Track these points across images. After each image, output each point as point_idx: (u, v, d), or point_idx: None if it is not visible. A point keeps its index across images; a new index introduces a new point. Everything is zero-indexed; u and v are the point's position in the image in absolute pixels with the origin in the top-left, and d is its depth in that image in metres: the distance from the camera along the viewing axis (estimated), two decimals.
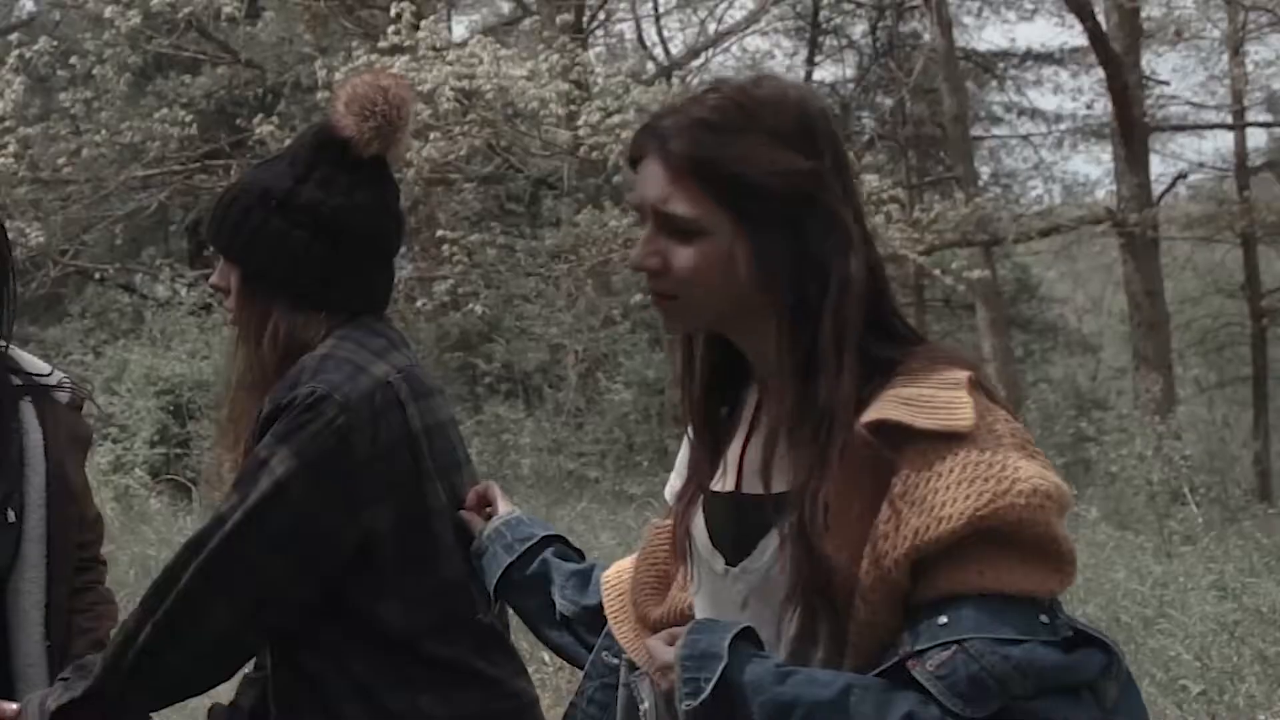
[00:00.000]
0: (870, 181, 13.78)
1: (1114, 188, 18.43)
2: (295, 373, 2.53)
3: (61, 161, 15.66)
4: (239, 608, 2.51)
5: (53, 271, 16.93)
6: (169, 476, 15.22)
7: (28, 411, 3.09)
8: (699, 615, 2.03)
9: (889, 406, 1.80)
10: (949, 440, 1.78)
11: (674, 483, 2.18)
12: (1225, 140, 23.74)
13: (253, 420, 2.57)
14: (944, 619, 1.75)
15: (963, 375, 1.84)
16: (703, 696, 1.80)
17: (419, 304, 15.97)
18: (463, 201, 18.69)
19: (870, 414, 1.80)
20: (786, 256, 1.87)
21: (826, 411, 1.84)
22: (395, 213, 2.69)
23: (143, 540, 11.54)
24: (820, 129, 1.92)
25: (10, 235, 2.99)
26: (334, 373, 2.51)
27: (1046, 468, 1.80)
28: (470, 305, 15.83)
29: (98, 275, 19.39)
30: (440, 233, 15.84)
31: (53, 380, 3.16)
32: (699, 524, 2.01)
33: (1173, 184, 21.41)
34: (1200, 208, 20.68)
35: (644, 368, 17.30)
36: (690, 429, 2.06)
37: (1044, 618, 1.76)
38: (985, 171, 24.96)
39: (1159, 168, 21.15)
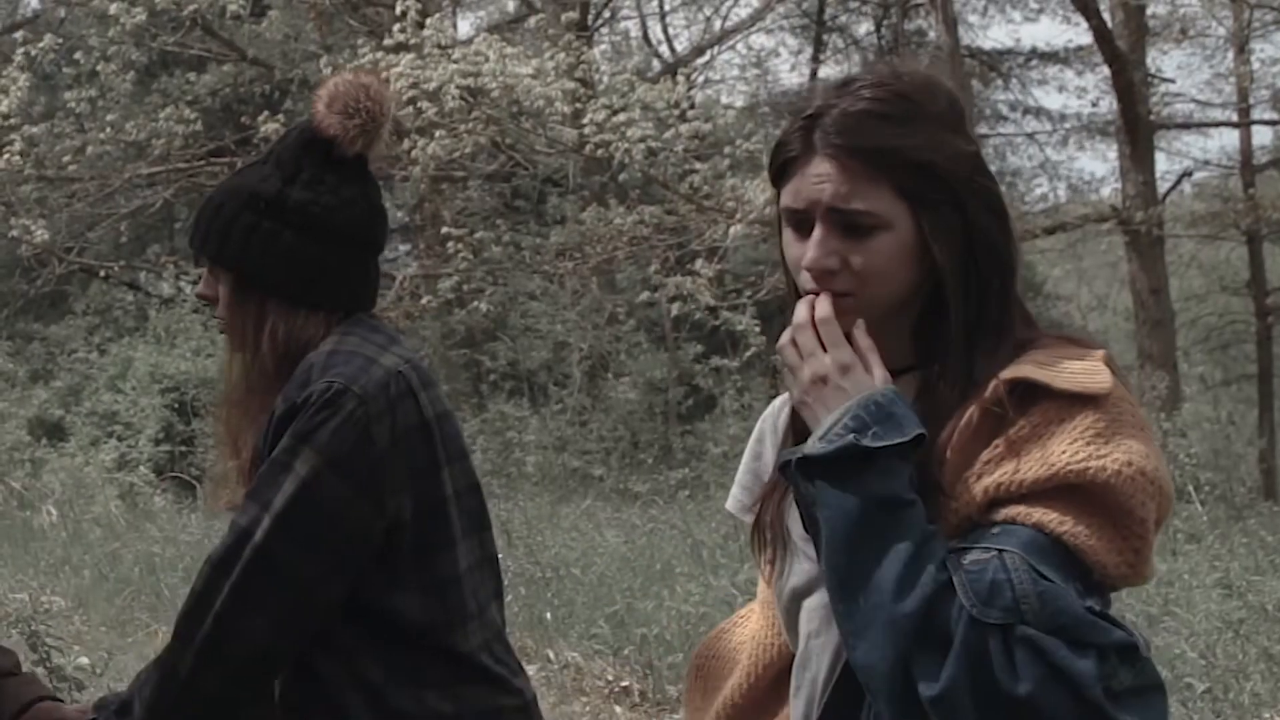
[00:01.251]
0: None
1: (1119, 185, 18.40)
2: (304, 371, 2.52)
3: (66, 159, 15.68)
4: (278, 619, 2.48)
5: (57, 269, 16.93)
6: (173, 474, 15.25)
7: None
8: (788, 603, 2.03)
9: (1028, 368, 1.83)
10: (1083, 402, 1.81)
11: (738, 494, 2.18)
12: (1230, 138, 23.72)
13: (260, 424, 2.55)
14: (997, 530, 1.78)
15: (1099, 351, 1.88)
16: (831, 447, 1.80)
17: (424, 301, 15.98)
18: (468, 199, 18.70)
19: (1009, 372, 1.83)
20: (962, 238, 1.89)
21: (978, 384, 1.86)
22: (381, 209, 2.70)
23: (147, 538, 11.56)
24: (966, 112, 1.96)
25: (15, 233, 2.95)
26: (346, 366, 2.50)
27: (1156, 456, 1.81)
28: (475, 303, 15.84)
29: (102, 273, 19.39)
30: (445, 230, 15.84)
31: None
32: (794, 515, 1.98)
33: (1178, 182, 21.37)
34: (1205, 205, 20.62)
35: (649, 366, 17.30)
36: (786, 422, 2.05)
37: (1081, 585, 1.77)
38: (991, 169, 24.89)
39: (1164, 165, 21.09)
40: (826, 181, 1.87)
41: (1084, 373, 1.83)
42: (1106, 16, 16.69)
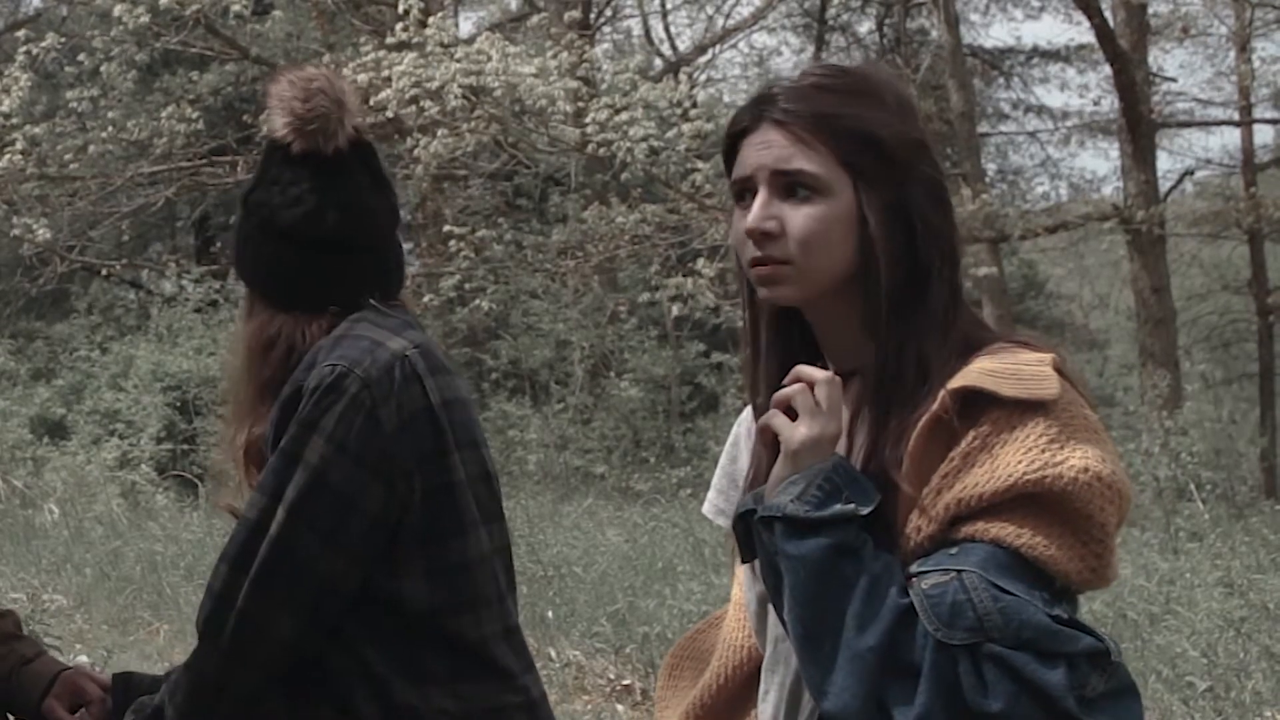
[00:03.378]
0: None
1: (1121, 184, 18.41)
2: (311, 355, 2.51)
3: (68, 158, 15.68)
4: (302, 613, 2.46)
5: (59, 268, 16.95)
6: (175, 473, 15.25)
7: None
8: (757, 608, 2.04)
9: (975, 376, 1.82)
10: (1031, 409, 1.80)
11: (715, 499, 2.18)
12: (1232, 136, 23.69)
13: (260, 417, 2.55)
14: (955, 550, 1.78)
15: (1047, 356, 1.87)
16: (822, 513, 1.80)
17: (426, 299, 15.97)
18: (470, 197, 18.71)
19: (956, 381, 1.82)
20: (899, 216, 1.89)
21: (926, 381, 1.86)
22: (348, 203, 2.62)
23: (149, 536, 11.56)
24: (917, 109, 1.97)
25: (18, 231, 2.94)
26: (350, 349, 2.48)
27: (1113, 460, 1.81)
28: (477, 301, 15.84)
29: (104, 271, 19.40)
30: (447, 228, 15.85)
31: None
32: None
33: (1180, 180, 21.38)
34: (1207, 204, 20.63)
35: (651, 364, 17.30)
36: (755, 424, 2.03)
37: (1045, 593, 1.77)
38: (992, 168, 24.96)
39: (1166, 164, 21.10)
40: (771, 146, 1.91)
41: (1032, 379, 1.82)
42: (1108, 15, 16.68)
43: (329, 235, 2.62)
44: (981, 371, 1.83)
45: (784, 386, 1.88)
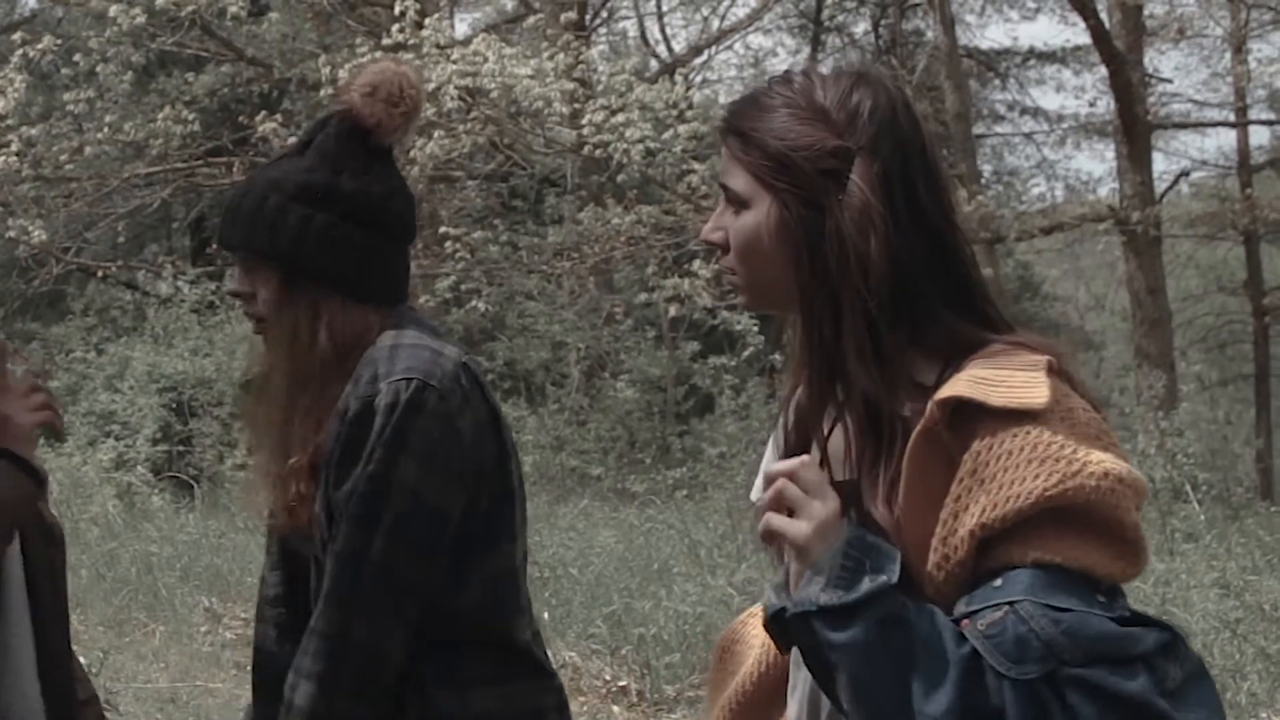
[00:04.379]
0: None
1: (1116, 185, 18.41)
2: (369, 367, 2.46)
3: (64, 159, 15.67)
4: (409, 631, 2.45)
5: (55, 269, 16.93)
6: (171, 474, 15.24)
7: None
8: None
9: (963, 385, 1.80)
10: (1021, 418, 1.77)
11: (761, 485, 2.18)
12: (1228, 138, 23.74)
13: (315, 422, 2.50)
14: (999, 582, 1.75)
15: (1041, 359, 1.84)
16: (856, 594, 1.75)
17: (421, 300, 15.96)
18: (466, 199, 18.69)
19: (943, 392, 1.80)
20: (808, 232, 1.87)
21: (868, 391, 1.85)
22: (413, 199, 2.67)
23: (144, 538, 11.54)
24: (866, 110, 1.91)
25: (13, 233, 2.86)
26: (414, 359, 2.45)
27: (1120, 457, 1.78)
28: (473, 302, 15.82)
29: (100, 273, 19.39)
30: (443, 230, 15.83)
31: None
32: None
33: (1175, 182, 21.39)
34: (1203, 205, 20.63)
35: (647, 365, 17.28)
36: (782, 419, 2.06)
37: (1101, 596, 1.75)
38: (988, 169, 24.96)
39: (1161, 165, 21.15)
40: (723, 160, 1.97)
41: (1021, 386, 1.79)
42: (1104, 16, 16.69)
43: (414, 228, 2.66)
44: (971, 380, 1.80)
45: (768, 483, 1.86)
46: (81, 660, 2.82)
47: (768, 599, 1.88)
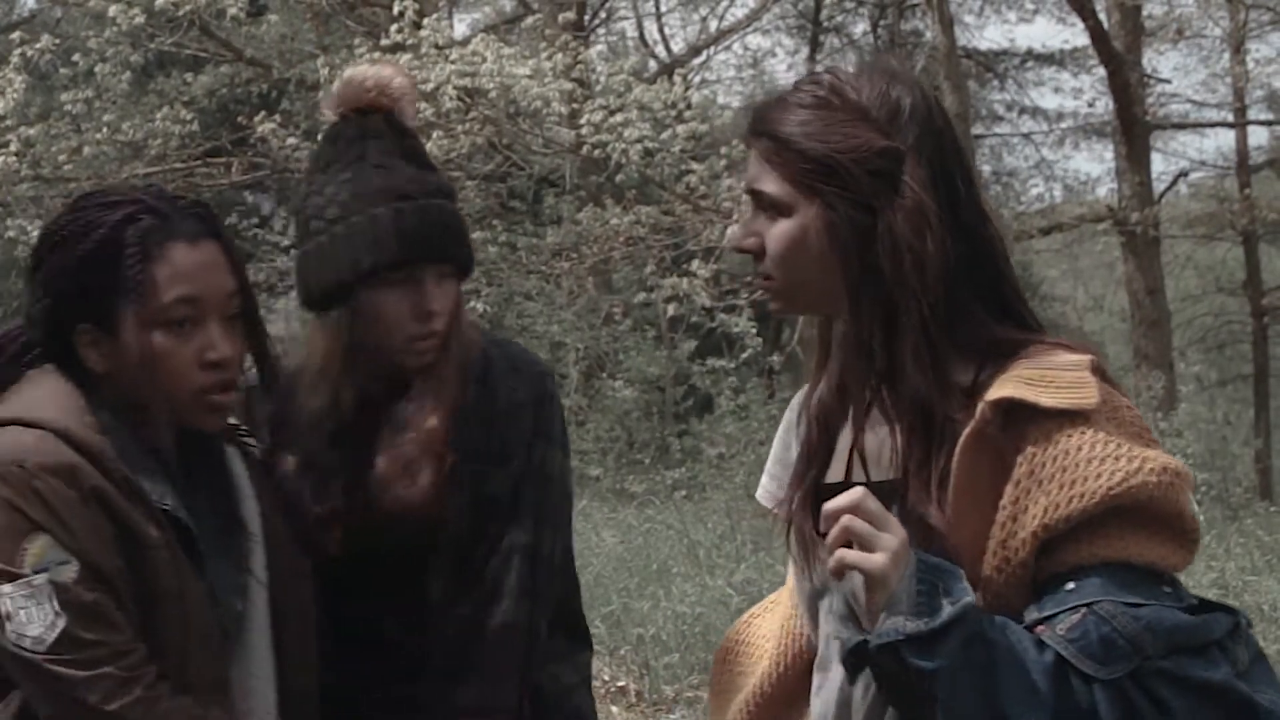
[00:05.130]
0: None
1: (1115, 186, 18.41)
2: (506, 360, 2.49)
3: (63, 159, 15.65)
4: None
5: None
6: None
7: (235, 462, 2.43)
8: (809, 602, 2.03)
9: (1012, 385, 1.79)
10: (1074, 418, 1.77)
11: (767, 484, 2.17)
12: (1226, 138, 23.78)
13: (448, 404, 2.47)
14: (1071, 585, 1.76)
15: (1085, 359, 1.84)
16: (943, 618, 1.72)
17: None
18: (464, 199, 18.67)
19: (994, 392, 1.80)
20: (860, 234, 1.85)
21: (921, 392, 1.83)
22: None
23: None
24: (907, 108, 1.89)
25: (12, 233, 2.80)
26: (517, 349, 2.55)
27: (1160, 447, 1.80)
28: (472, 303, 15.81)
29: None
30: None
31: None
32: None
33: (1174, 182, 21.39)
34: (1201, 206, 20.63)
35: (645, 366, 17.29)
36: (811, 417, 2.03)
37: (1167, 588, 1.78)
38: (987, 170, 24.95)
39: (1160, 166, 21.17)
40: (750, 165, 1.93)
41: (1071, 386, 1.79)
42: (1103, 17, 16.69)
43: None
44: (1020, 380, 1.80)
45: (824, 516, 1.81)
46: None
47: (837, 631, 1.86)
